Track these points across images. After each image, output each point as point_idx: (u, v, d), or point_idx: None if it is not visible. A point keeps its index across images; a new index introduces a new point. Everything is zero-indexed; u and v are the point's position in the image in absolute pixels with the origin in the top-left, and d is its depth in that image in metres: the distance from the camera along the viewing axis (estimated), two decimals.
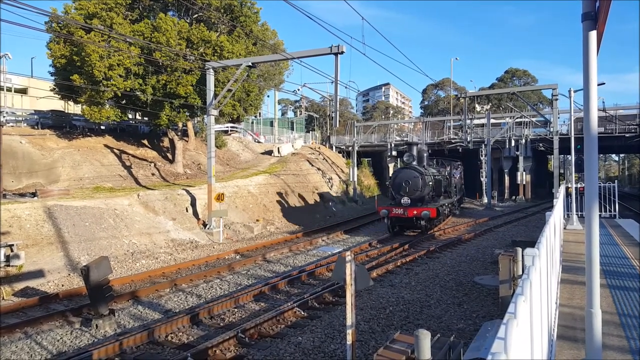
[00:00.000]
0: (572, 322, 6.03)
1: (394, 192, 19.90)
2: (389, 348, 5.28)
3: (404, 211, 19.04)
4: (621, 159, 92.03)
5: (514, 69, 75.89)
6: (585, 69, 3.58)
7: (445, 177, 24.86)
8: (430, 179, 20.20)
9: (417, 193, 19.38)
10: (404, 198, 19.29)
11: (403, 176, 19.70)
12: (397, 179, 19.81)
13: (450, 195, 25.51)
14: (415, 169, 19.76)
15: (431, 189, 20.33)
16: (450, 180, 26.11)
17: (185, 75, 23.53)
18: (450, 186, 25.77)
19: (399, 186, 19.62)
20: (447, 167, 27.08)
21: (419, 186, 19.31)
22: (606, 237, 13.47)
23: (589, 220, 3.68)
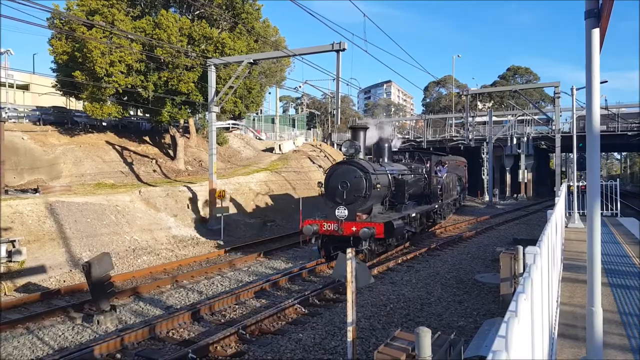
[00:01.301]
0: (573, 320, 6.03)
1: (327, 199, 13.79)
2: (390, 345, 5.29)
3: (339, 227, 12.83)
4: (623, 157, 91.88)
5: (516, 66, 75.68)
6: (587, 67, 3.56)
7: (422, 177, 18.57)
8: (385, 180, 14.29)
9: (360, 200, 13.21)
10: (339, 208, 13.05)
11: (339, 175, 13.50)
12: (332, 179, 13.60)
13: (430, 199, 18.88)
14: (357, 164, 13.51)
15: (388, 193, 14.63)
16: (430, 179, 19.07)
17: (186, 72, 23.51)
18: (431, 188, 19.17)
19: (333, 190, 13.47)
20: (426, 162, 19.44)
21: (362, 189, 13.18)
22: (608, 235, 13.45)
23: (591, 218, 3.67)
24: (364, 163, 13.78)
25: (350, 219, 12.91)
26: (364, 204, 13.43)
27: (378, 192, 13.72)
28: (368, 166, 13.68)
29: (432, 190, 19.32)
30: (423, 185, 18.53)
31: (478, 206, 34.38)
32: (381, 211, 14.44)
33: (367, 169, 13.38)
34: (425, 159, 19.75)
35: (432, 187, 19.31)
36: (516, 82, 69.29)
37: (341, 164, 13.87)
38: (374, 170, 13.80)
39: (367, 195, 13.21)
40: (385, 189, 14.28)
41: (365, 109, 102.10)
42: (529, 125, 43.26)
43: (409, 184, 16.11)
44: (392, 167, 15.82)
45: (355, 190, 13.26)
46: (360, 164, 13.53)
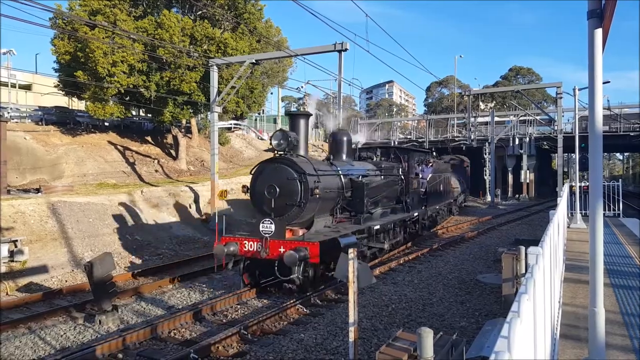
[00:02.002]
0: (575, 321, 6.02)
1: (255, 208, 10.70)
2: (392, 346, 5.29)
3: (262, 246, 9.74)
4: (625, 158, 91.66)
5: (518, 66, 75.56)
6: (590, 67, 3.55)
7: (398, 178, 15.31)
8: (333, 183, 11.27)
9: (294, 209, 10.08)
10: (264, 221, 9.84)
11: (267, 176, 10.34)
12: (258, 183, 10.41)
13: (409, 206, 15.53)
14: (290, 162, 10.26)
15: (339, 199, 11.54)
16: (409, 182, 15.73)
17: (188, 72, 23.54)
18: (410, 192, 15.75)
19: (259, 196, 10.34)
20: (405, 161, 15.94)
21: (295, 196, 10.04)
22: (610, 236, 13.43)
23: (593, 219, 3.66)
24: (299, 161, 10.32)
25: (278, 235, 9.62)
26: (299, 215, 10.07)
27: (322, 199, 10.45)
28: (305, 165, 10.30)
29: (412, 195, 15.87)
30: (399, 188, 15.33)
31: (480, 206, 34.34)
32: (329, 224, 11.29)
33: (303, 169, 10.03)
34: (402, 157, 16.03)
35: (410, 191, 15.75)
36: (518, 82, 69.20)
37: (270, 162, 10.50)
38: (315, 170, 10.46)
39: (302, 204, 9.92)
40: (334, 194, 11.19)
41: (367, 109, 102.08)
42: (531, 125, 43.17)
43: (374, 188, 13.07)
44: (350, 166, 12.70)
45: (287, 197, 9.96)
46: (294, 162, 10.13)
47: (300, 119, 11.38)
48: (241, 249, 9.96)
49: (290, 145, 10.41)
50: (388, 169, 14.71)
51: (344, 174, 11.92)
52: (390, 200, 14.74)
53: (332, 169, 11.65)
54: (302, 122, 11.34)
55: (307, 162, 10.58)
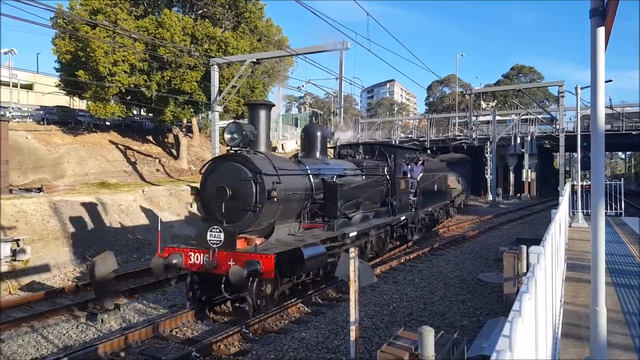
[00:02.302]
0: (576, 320, 6.02)
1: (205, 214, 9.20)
2: (393, 344, 5.29)
3: (210, 259, 8.23)
4: (627, 157, 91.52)
5: (520, 65, 75.48)
6: (592, 66, 3.55)
7: (383, 178, 13.88)
8: (300, 183, 9.81)
9: (249, 215, 8.60)
10: (212, 229, 8.35)
11: (217, 177, 8.84)
12: (208, 184, 8.90)
13: (396, 209, 13.98)
14: (244, 160, 8.76)
15: (308, 203, 10.05)
16: (395, 182, 14.20)
17: (189, 72, 23.56)
18: (397, 193, 14.23)
19: (209, 201, 8.86)
20: (391, 159, 14.36)
21: (249, 199, 8.55)
22: (612, 235, 13.42)
23: (595, 218, 3.66)
24: (256, 158, 8.80)
25: (227, 246, 8.10)
26: (255, 222, 8.55)
27: (283, 203, 8.92)
28: (263, 163, 8.79)
29: (399, 197, 14.31)
30: (384, 190, 13.90)
31: (481, 205, 34.31)
32: (296, 231, 9.72)
33: (259, 168, 8.52)
34: (388, 155, 14.46)
35: (397, 192, 14.18)
36: (520, 81, 69.14)
37: (221, 160, 9.05)
38: (276, 169, 8.92)
39: (258, 209, 8.44)
40: (301, 197, 9.67)
41: (368, 108, 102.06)
42: (532, 124, 43.15)
43: (353, 189, 11.77)
44: (324, 165, 11.26)
45: (240, 201, 8.46)
46: (249, 160, 8.61)
47: (260, 110, 9.58)
48: (186, 262, 8.36)
49: (245, 139, 8.80)
50: (371, 168, 13.27)
51: (314, 174, 10.30)
52: (374, 202, 13.35)
53: (298, 168, 10.07)
54: (262, 113, 9.56)
55: (265, 160, 9.02)
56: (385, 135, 52.28)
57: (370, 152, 14.98)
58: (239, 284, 7.61)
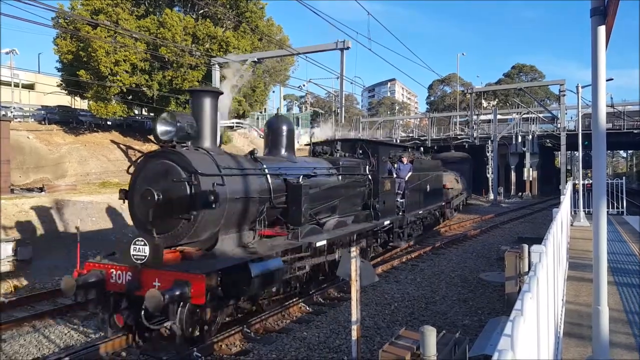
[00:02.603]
0: (578, 319, 6.01)
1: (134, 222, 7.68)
2: (395, 344, 5.29)
3: (133, 279, 6.67)
4: (629, 155, 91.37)
5: (521, 64, 75.38)
6: (593, 65, 3.54)
7: (364, 178, 12.46)
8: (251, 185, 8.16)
9: (183, 225, 7.04)
10: (136, 242, 6.60)
11: (146, 178, 7.31)
12: (136, 186, 7.39)
13: (378, 212, 12.54)
14: (177, 156, 7.19)
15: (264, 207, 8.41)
16: (378, 183, 12.72)
17: (191, 71, 23.57)
18: (380, 195, 12.74)
19: (136, 206, 7.38)
20: (374, 157, 12.87)
21: (184, 205, 7.02)
22: (613, 234, 13.39)
23: (597, 216, 3.66)
24: (194, 155, 7.27)
25: (154, 262, 6.46)
26: (191, 232, 7.00)
27: (229, 208, 7.45)
28: (201, 161, 7.24)
29: (382, 199, 12.81)
30: (366, 191, 12.51)
31: (483, 204, 34.28)
32: (250, 240, 8.13)
33: (195, 167, 6.99)
34: (371, 153, 12.92)
35: (380, 193, 12.71)
36: (521, 80, 69.07)
37: (152, 157, 7.49)
38: (219, 168, 7.44)
39: (193, 216, 6.92)
40: (255, 201, 8.10)
41: (369, 107, 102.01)
42: (534, 123, 43.11)
43: (327, 191, 10.43)
44: (290, 163, 9.87)
45: (172, 207, 6.95)
46: (183, 157, 7.06)
47: (205, 98, 7.92)
48: (107, 281, 6.85)
49: (180, 133, 7.14)
50: (349, 167, 11.89)
51: (274, 174, 8.81)
52: (353, 205, 11.99)
53: (253, 167, 8.48)
54: (207, 102, 7.92)
55: (205, 157, 7.46)
56: (387, 135, 52.27)
57: (350, 149, 13.29)
58: (157, 312, 5.97)
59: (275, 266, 7.51)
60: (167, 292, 5.96)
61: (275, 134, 10.35)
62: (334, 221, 10.71)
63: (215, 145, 8.24)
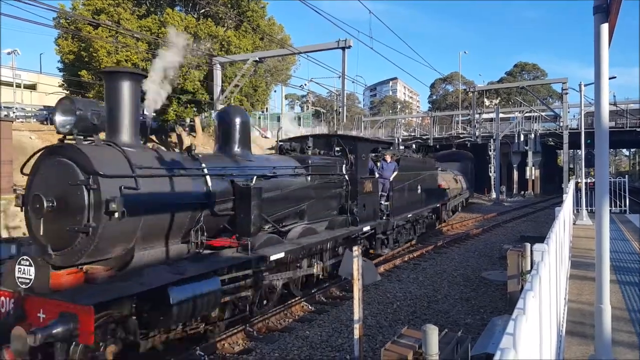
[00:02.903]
0: (581, 318, 6.00)
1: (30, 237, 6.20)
2: (397, 343, 5.29)
3: (17, 309, 5.08)
4: (632, 154, 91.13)
5: (523, 62, 75.27)
6: (596, 63, 3.54)
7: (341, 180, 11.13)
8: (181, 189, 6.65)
9: (81, 239, 5.46)
10: (21, 261, 5.27)
11: (41, 178, 5.85)
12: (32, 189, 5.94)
13: (357, 217, 11.17)
14: (76, 154, 5.63)
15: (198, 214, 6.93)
16: (357, 182, 11.34)
17: (192, 71, 23.59)
18: (359, 198, 11.34)
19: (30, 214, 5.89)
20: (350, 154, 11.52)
21: (80, 215, 5.46)
22: (616, 232, 13.36)
23: (599, 215, 3.65)
24: (97, 151, 5.84)
25: (40, 288, 5.23)
26: (88, 249, 5.56)
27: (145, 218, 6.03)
28: (107, 158, 5.85)
29: (362, 201, 11.38)
30: (343, 193, 11.15)
31: (485, 203, 34.24)
32: (182, 255, 6.83)
33: (95, 167, 5.55)
34: (349, 150, 11.49)
35: (360, 196, 11.28)
36: (523, 78, 68.93)
37: (50, 154, 6.02)
38: (133, 167, 5.93)
39: (92, 230, 5.47)
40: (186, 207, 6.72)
41: (371, 106, 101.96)
42: (536, 122, 43.03)
43: (289, 194, 9.08)
44: (247, 162, 8.46)
45: (66, 217, 5.58)
46: (84, 154, 5.64)
47: (121, 81, 6.34)
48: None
49: (82, 123, 5.82)
50: (322, 166, 10.52)
51: (216, 174, 7.37)
52: (328, 209, 10.70)
53: (189, 166, 7.03)
54: (125, 86, 6.35)
55: (115, 154, 5.97)
56: (388, 134, 52.23)
57: (325, 146, 11.93)
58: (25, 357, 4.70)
59: (208, 289, 6.05)
60: (41, 331, 4.58)
61: (226, 128, 8.71)
62: (300, 229, 9.19)
63: (136, 139, 6.58)
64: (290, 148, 11.27)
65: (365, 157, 12.11)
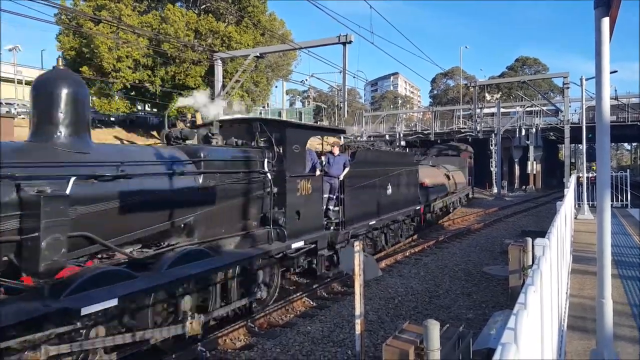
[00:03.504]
0: (582, 312, 6.01)
1: None
2: (398, 338, 5.29)
3: None
4: (633, 148, 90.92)
5: (524, 57, 75.02)
6: (597, 57, 3.52)
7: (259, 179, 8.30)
8: None
9: None
10: None
11: None
12: None
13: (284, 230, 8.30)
14: None
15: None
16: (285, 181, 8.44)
17: (193, 67, 23.58)
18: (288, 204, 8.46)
19: None
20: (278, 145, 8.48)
21: None
22: (618, 226, 13.35)
23: (601, 209, 3.64)
24: None
25: None
26: None
27: None
28: None
29: (294, 208, 8.64)
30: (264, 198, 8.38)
31: (486, 198, 34.20)
32: None
33: None
34: (275, 139, 8.58)
35: (288, 201, 8.47)
36: (525, 73, 68.72)
37: None
38: None
39: None
40: None
41: (372, 102, 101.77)
42: (537, 116, 42.91)
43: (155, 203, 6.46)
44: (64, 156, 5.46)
45: None
46: None
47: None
48: None
49: None
50: (225, 162, 7.74)
51: None
52: (238, 221, 7.96)
53: None
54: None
55: None
56: (389, 129, 52.16)
57: (247, 134, 8.87)
58: None
59: None
60: None
61: (44, 104, 5.66)
62: (172, 254, 6.29)
63: None
64: (181, 136, 7.77)
65: (300, 149, 8.98)
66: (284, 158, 8.56)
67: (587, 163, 18.39)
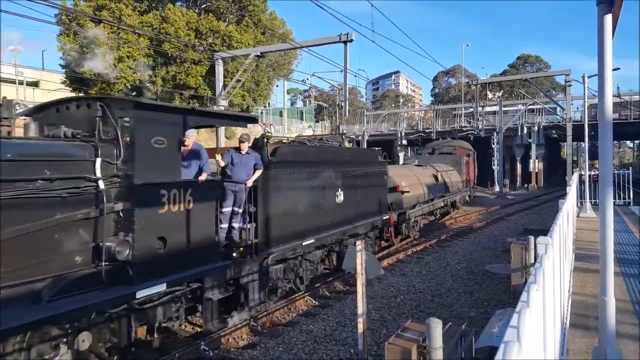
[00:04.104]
0: (584, 310, 6.00)
1: None
2: (400, 336, 5.30)
3: None
4: (636, 146, 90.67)
5: (526, 55, 74.86)
6: (600, 54, 3.51)
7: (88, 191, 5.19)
8: None
9: None
10: None
11: None
12: None
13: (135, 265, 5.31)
14: None
15: None
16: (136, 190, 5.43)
17: (194, 66, 23.59)
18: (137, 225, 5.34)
19: None
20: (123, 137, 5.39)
21: None
22: (620, 224, 13.33)
23: (603, 207, 3.64)
24: None
25: None
26: None
27: None
28: None
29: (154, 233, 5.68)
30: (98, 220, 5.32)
31: (488, 197, 34.16)
32: None
33: None
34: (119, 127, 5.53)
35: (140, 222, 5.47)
36: (526, 70, 68.57)
37: None
38: None
39: None
40: None
41: (373, 100, 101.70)
42: (539, 114, 42.83)
43: None
44: None
45: None
46: None
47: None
48: None
49: None
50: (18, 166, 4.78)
51: None
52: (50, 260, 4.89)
53: None
54: None
55: None
56: (391, 128, 52.12)
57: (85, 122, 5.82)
58: None
59: None
60: None
61: None
62: None
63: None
64: None
65: (167, 143, 5.98)
66: (131, 156, 5.57)
67: (589, 161, 18.34)
